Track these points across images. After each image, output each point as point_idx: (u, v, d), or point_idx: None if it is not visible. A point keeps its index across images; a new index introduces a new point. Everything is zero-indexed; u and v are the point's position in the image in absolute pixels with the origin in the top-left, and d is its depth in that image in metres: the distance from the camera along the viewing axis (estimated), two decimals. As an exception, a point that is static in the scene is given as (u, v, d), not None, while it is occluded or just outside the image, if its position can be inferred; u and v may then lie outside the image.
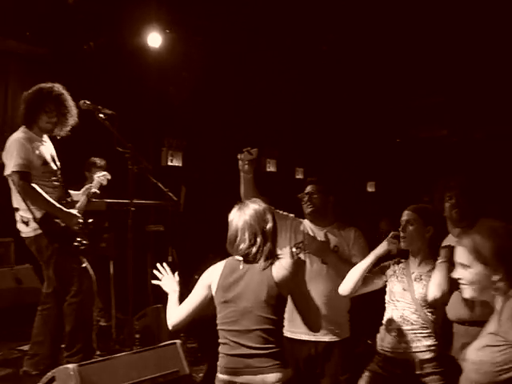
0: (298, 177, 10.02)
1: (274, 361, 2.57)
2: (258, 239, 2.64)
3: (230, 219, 2.76)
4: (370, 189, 11.98)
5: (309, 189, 3.60)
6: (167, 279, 2.97)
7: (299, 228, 3.54)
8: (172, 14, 6.21)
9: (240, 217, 2.70)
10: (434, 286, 2.93)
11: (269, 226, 2.69)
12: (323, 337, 3.37)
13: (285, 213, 3.55)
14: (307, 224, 3.59)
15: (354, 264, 3.28)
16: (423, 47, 6.99)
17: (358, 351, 4.46)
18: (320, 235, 3.53)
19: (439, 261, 2.97)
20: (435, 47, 6.98)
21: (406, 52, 7.17)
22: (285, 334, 2.82)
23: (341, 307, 3.50)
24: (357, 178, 10.72)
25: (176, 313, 2.81)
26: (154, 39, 6.37)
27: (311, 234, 3.53)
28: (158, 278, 2.98)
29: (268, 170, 9.25)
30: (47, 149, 4.24)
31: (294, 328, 3.27)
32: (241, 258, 2.68)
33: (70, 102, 4.27)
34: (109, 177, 4.69)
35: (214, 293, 2.69)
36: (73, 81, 4.89)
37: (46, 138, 4.29)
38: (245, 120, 7.75)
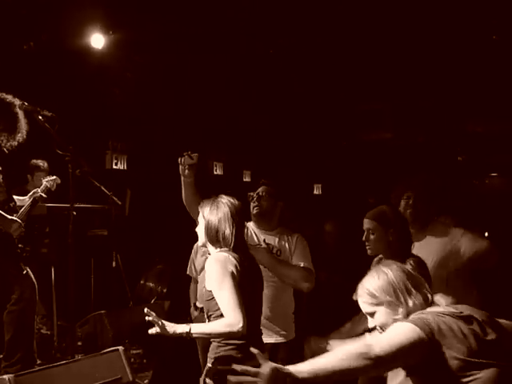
0: (245, 180, 10.03)
1: None
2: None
3: (205, 214, 2.74)
4: (317, 191, 12.11)
5: (260, 190, 3.56)
6: (168, 326, 2.63)
7: None
8: (116, 15, 6.10)
9: (218, 210, 2.72)
10: None
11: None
12: (268, 338, 3.33)
13: None
14: (250, 226, 3.57)
15: (296, 267, 3.32)
16: (370, 53, 7.11)
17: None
18: (261, 239, 3.53)
19: None
20: (382, 54, 7.12)
21: (353, 56, 7.28)
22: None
23: (285, 308, 3.51)
24: (304, 181, 10.82)
25: (236, 313, 2.53)
26: (97, 40, 6.25)
27: (254, 237, 3.52)
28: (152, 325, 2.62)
29: (215, 173, 9.24)
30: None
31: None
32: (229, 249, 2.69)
33: (20, 117, 3.95)
34: (58, 181, 4.60)
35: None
36: (12, 81, 4.74)
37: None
38: (191, 123, 7.70)
